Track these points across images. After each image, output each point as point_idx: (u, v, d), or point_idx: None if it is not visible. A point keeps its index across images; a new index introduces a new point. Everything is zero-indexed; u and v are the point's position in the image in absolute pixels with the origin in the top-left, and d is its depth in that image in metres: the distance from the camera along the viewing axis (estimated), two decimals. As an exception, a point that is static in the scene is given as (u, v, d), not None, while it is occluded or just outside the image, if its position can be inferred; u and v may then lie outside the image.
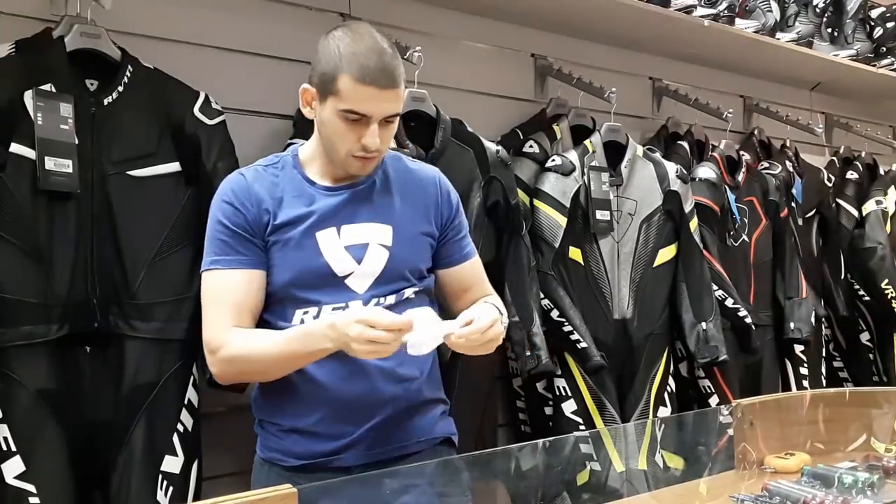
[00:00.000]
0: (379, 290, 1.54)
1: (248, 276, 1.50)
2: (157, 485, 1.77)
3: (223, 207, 1.52)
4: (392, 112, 1.50)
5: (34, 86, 1.68)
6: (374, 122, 1.48)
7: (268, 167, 1.58)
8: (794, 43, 3.26)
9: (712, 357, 2.58)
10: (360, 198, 1.57)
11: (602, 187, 2.49)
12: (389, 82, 1.47)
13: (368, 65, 1.45)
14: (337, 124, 1.49)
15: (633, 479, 1.67)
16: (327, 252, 1.52)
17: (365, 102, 1.46)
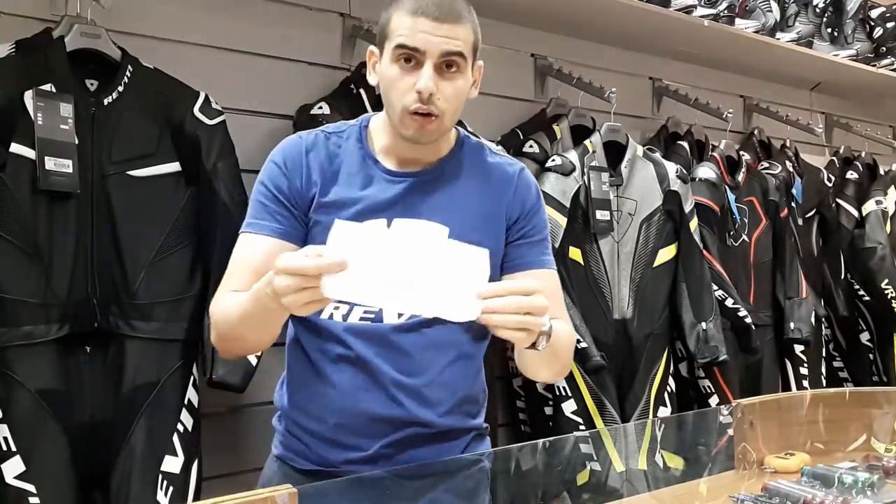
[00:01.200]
0: None
1: (275, 245, 1.34)
2: (157, 485, 1.76)
3: (270, 168, 1.39)
4: (451, 49, 1.31)
5: (34, 86, 1.68)
6: (429, 62, 1.31)
7: (331, 135, 1.42)
8: (794, 43, 3.26)
9: (712, 357, 2.58)
10: (422, 188, 1.39)
11: (602, 187, 2.49)
12: (446, 14, 1.31)
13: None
14: (391, 71, 1.33)
15: (633, 479, 1.67)
16: None
17: (416, 33, 1.30)
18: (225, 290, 1.36)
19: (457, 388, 1.44)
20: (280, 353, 1.76)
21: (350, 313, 1.37)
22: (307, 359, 1.42)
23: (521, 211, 1.44)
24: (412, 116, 1.33)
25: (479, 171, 1.45)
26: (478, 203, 1.42)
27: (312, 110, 2.14)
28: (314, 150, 1.39)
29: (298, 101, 2.19)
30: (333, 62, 2.34)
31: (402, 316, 1.36)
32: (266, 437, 2.19)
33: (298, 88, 2.23)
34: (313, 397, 1.42)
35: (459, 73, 1.35)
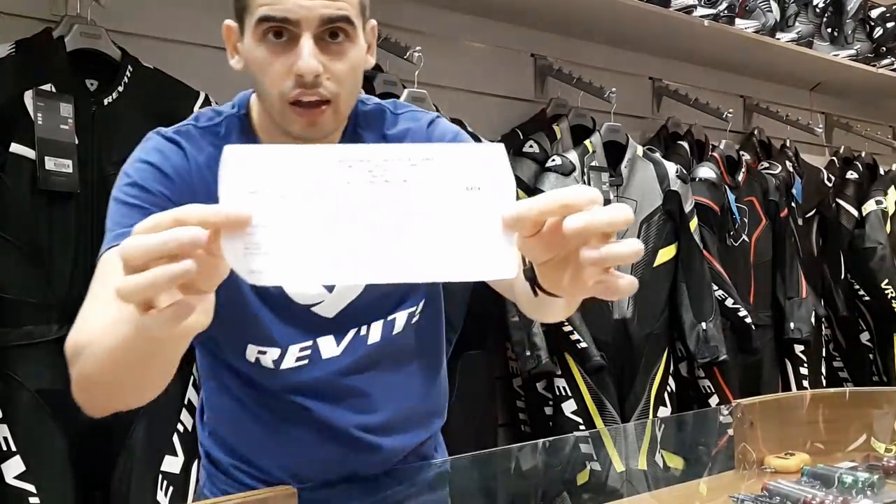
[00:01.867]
0: (354, 315, 1.11)
1: None
2: (157, 485, 1.76)
3: (140, 169, 1.07)
4: (332, 13, 0.99)
5: (34, 86, 1.68)
6: (306, 34, 0.99)
7: (206, 130, 1.11)
8: (794, 43, 3.26)
9: (712, 357, 2.58)
10: None
11: (602, 187, 2.49)
12: None
13: None
14: (258, 53, 1.02)
15: (633, 479, 1.67)
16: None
17: (281, 2, 0.99)
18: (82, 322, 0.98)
19: (427, 404, 1.26)
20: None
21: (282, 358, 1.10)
22: (240, 406, 1.17)
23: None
24: (294, 108, 1.02)
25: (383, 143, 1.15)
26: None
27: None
28: (194, 151, 1.09)
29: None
30: (333, 62, 2.34)
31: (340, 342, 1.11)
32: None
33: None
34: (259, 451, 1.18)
35: (349, 41, 1.02)
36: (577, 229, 0.67)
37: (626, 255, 0.70)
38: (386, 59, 2.30)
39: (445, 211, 0.65)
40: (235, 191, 0.65)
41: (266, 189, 0.65)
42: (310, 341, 1.11)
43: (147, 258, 0.62)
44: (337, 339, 1.12)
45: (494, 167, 0.66)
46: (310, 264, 0.65)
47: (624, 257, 0.70)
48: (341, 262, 0.65)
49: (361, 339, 1.13)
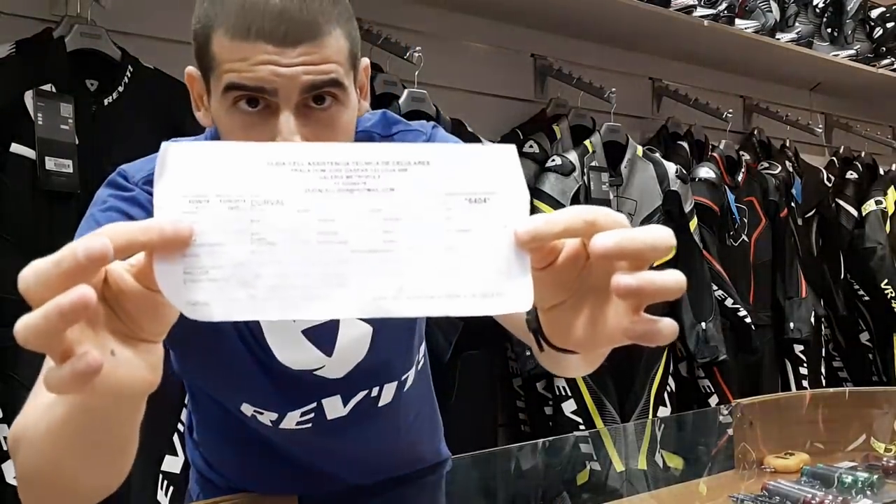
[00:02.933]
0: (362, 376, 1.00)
1: None
2: (157, 485, 1.76)
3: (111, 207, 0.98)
4: (316, 80, 0.82)
5: (34, 86, 1.67)
6: (285, 109, 0.82)
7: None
8: (793, 43, 3.26)
9: (712, 357, 2.58)
10: None
11: (602, 187, 2.49)
12: (296, 29, 0.80)
13: (256, 4, 0.81)
14: (229, 122, 0.87)
15: (633, 479, 1.67)
16: (275, 343, 0.94)
17: (256, 68, 0.82)
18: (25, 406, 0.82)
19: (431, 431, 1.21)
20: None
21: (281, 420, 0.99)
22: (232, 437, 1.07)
23: None
24: None
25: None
26: None
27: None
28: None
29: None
30: (333, 62, 2.34)
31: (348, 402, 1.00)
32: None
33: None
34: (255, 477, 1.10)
35: (338, 104, 0.85)
36: (609, 249, 0.53)
37: (670, 287, 0.57)
38: (386, 59, 2.30)
39: (443, 227, 0.52)
40: (174, 199, 0.51)
41: (214, 197, 0.51)
42: (313, 403, 0.98)
43: (41, 287, 0.50)
44: (344, 400, 0.99)
45: (505, 173, 0.53)
46: (269, 294, 0.51)
47: (667, 290, 0.57)
48: (309, 291, 0.51)
49: (372, 401, 1.01)
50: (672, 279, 0.56)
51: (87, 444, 0.65)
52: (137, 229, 0.49)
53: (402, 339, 1.01)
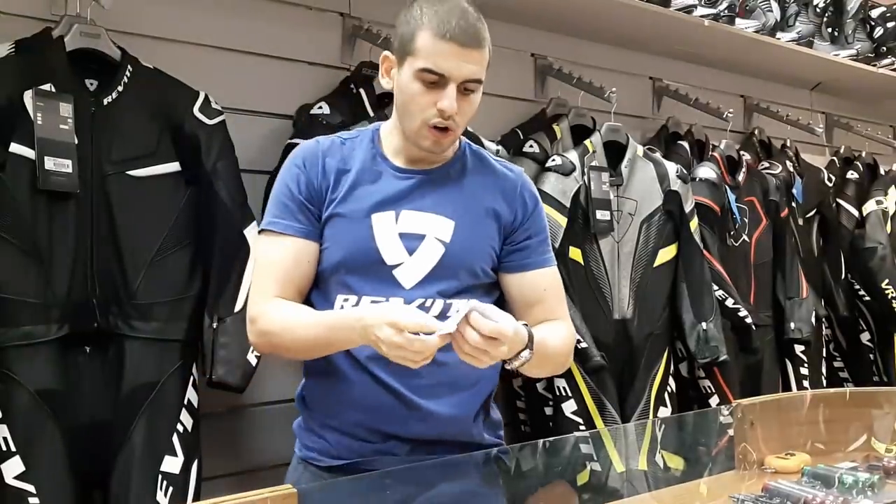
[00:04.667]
0: (427, 288, 1.43)
1: (299, 245, 1.44)
2: (156, 485, 1.76)
3: (291, 170, 1.47)
4: (473, 75, 1.41)
5: (34, 86, 1.68)
6: (453, 84, 1.39)
7: (346, 140, 1.51)
8: (794, 43, 3.26)
9: (712, 357, 2.58)
10: (429, 185, 1.47)
11: (602, 187, 2.49)
12: (471, 41, 1.40)
13: (450, 21, 1.38)
14: (413, 87, 1.40)
15: (633, 480, 1.67)
16: (380, 237, 1.43)
17: (444, 59, 1.38)
18: (264, 294, 1.43)
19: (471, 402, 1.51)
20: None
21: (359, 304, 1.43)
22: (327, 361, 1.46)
23: (523, 215, 1.52)
24: (431, 130, 1.42)
25: (483, 174, 1.53)
26: (482, 200, 1.50)
27: (312, 110, 2.14)
28: (331, 152, 1.48)
29: (298, 101, 2.19)
30: (333, 62, 2.34)
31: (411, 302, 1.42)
32: (266, 436, 2.19)
33: (298, 88, 2.23)
34: (334, 395, 1.47)
35: (477, 90, 1.44)
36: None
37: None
38: (386, 59, 2.30)
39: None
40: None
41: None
42: (384, 298, 1.42)
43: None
44: (406, 302, 1.41)
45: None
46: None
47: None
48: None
49: (425, 309, 1.39)
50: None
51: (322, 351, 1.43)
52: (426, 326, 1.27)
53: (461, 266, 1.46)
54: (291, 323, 1.41)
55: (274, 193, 1.48)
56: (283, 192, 1.46)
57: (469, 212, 1.48)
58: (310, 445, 1.50)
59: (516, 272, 1.51)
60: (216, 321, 1.84)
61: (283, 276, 1.43)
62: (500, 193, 1.52)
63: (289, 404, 2.16)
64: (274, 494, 0.98)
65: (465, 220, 1.46)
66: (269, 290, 1.42)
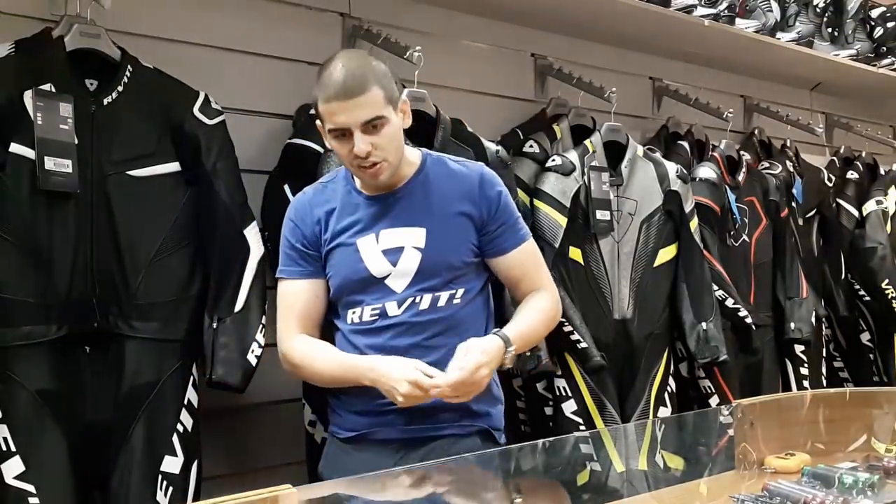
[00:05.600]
0: (414, 288, 1.68)
1: (308, 285, 1.72)
2: (156, 485, 1.76)
3: (287, 224, 1.74)
4: (365, 118, 1.59)
5: (34, 85, 1.68)
6: (356, 131, 1.59)
7: (327, 184, 1.77)
8: (794, 43, 3.26)
9: (712, 357, 2.58)
10: (398, 203, 1.70)
11: (602, 187, 2.49)
12: (351, 92, 1.58)
13: (330, 83, 1.59)
14: (333, 143, 1.64)
15: (633, 480, 1.67)
16: (366, 257, 1.68)
17: (336, 116, 1.59)
18: (289, 332, 1.72)
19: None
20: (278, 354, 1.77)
21: (363, 312, 1.71)
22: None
23: (489, 209, 1.73)
24: (361, 170, 1.65)
25: (445, 181, 1.74)
26: (449, 206, 1.71)
27: (312, 110, 2.14)
28: (316, 198, 1.75)
29: (298, 101, 2.19)
30: (333, 62, 2.34)
31: (404, 302, 1.69)
32: (266, 436, 2.19)
33: (298, 88, 2.23)
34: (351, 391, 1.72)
35: (384, 124, 1.62)
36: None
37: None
38: (386, 60, 2.29)
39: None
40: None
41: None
42: (380, 303, 1.69)
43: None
44: (399, 303, 1.68)
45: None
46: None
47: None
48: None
49: (415, 305, 1.68)
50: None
51: (340, 384, 1.71)
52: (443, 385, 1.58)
53: (440, 266, 1.69)
54: (311, 360, 1.71)
55: (280, 246, 1.76)
56: (285, 244, 1.74)
57: (438, 216, 1.70)
58: (331, 420, 1.80)
59: (499, 256, 1.76)
60: (216, 321, 1.84)
61: (301, 313, 1.72)
62: (465, 196, 1.72)
63: (289, 404, 2.17)
64: (274, 494, 0.98)
65: (435, 225, 1.69)
66: (292, 328, 1.71)
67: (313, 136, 2.07)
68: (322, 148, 2.04)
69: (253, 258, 1.89)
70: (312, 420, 2.07)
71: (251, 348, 1.85)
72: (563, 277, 2.42)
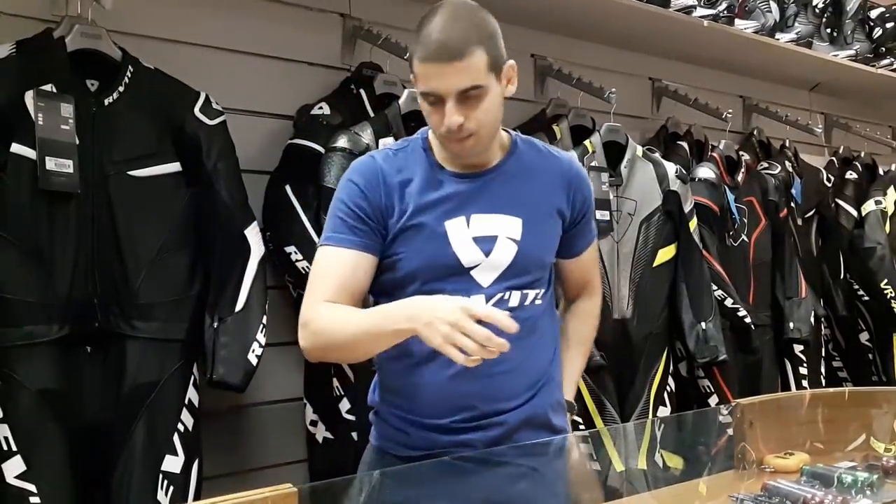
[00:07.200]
0: (503, 284, 1.50)
1: (356, 257, 1.47)
2: (157, 484, 1.77)
3: (348, 186, 1.50)
4: (463, 85, 1.40)
5: (35, 86, 1.68)
6: (450, 100, 1.41)
7: (398, 151, 1.54)
8: (793, 43, 3.26)
9: (712, 357, 2.58)
10: (491, 186, 1.52)
11: (602, 187, 2.49)
12: (451, 55, 1.39)
13: (429, 41, 1.40)
14: (424, 107, 1.47)
15: (632, 479, 1.67)
16: (456, 242, 1.48)
17: (431, 80, 1.42)
18: (317, 300, 1.45)
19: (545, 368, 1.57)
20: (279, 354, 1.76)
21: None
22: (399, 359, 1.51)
23: (581, 202, 1.61)
24: (451, 142, 1.46)
25: (536, 162, 1.58)
26: (544, 195, 1.56)
27: (313, 110, 2.14)
28: (387, 166, 1.51)
29: (298, 101, 2.20)
30: (333, 62, 2.35)
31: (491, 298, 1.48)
32: (266, 436, 2.19)
33: (298, 88, 2.24)
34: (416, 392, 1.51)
35: (482, 95, 1.43)
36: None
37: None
38: (386, 60, 2.30)
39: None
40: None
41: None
42: (466, 295, 1.45)
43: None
44: (487, 298, 1.48)
45: None
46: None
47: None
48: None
49: (504, 303, 1.49)
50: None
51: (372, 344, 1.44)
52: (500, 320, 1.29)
53: (532, 262, 1.53)
54: (342, 317, 1.43)
55: (331, 211, 1.52)
56: (339, 208, 1.50)
57: (534, 207, 1.53)
58: (387, 436, 1.56)
59: (572, 258, 1.65)
60: (217, 321, 1.84)
61: (337, 284, 1.46)
62: (560, 189, 1.57)
63: (289, 404, 2.17)
64: (274, 494, 0.98)
65: (531, 217, 1.52)
66: (321, 296, 1.45)
67: (314, 136, 2.08)
68: (322, 148, 2.04)
69: (254, 258, 1.90)
70: (313, 420, 2.07)
71: (252, 348, 1.85)
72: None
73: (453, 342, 1.25)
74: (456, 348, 1.25)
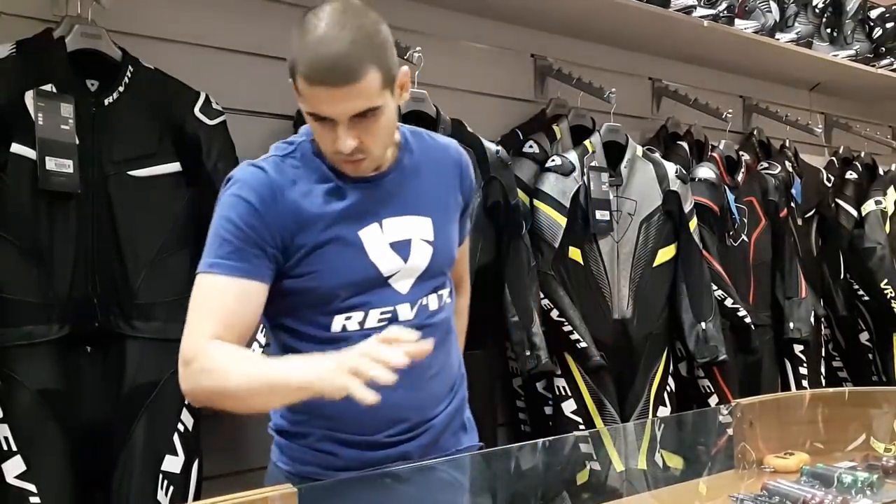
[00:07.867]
0: (420, 289, 1.41)
1: (246, 287, 1.29)
2: (157, 484, 1.77)
3: (237, 204, 1.31)
4: (357, 110, 1.27)
5: (35, 86, 1.68)
6: (342, 124, 1.28)
7: (286, 157, 1.37)
8: (793, 43, 3.26)
9: (712, 357, 2.58)
10: (394, 187, 1.40)
11: (602, 187, 2.50)
12: (341, 77, 1.24)
13: (315, 57, 1.25)
14: (312, 125, 1.33)
15: (632, 479, 1.67)
16: (372, 251, 1.36)
17: (320, 105, 1.28)
18: (204, 335, 1.26)
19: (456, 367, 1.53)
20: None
21: (366, 318, 1.37)
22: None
23: (468, 188, 1.54)
24: (343, 162, 1.34)
25: (431, 158, 1.48)
26: (443, 189, 1.48)
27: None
28: (280, 177, 1.34)
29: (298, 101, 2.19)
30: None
31: (414, 305, 1.40)
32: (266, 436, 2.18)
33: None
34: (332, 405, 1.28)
35: (376, 114, 1.30)
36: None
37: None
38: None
39: None
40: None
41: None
42: (391, 307, 1.38)
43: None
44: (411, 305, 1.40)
45: None
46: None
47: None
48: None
49: (424, 308, 1.42)
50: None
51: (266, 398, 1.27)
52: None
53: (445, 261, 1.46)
54: (236, 363, 1.24)
55: (214, 230, 1.32)
56: (225, 228, 1.30)
57: (438, 203, 1.45)
58: (307, 460, 1.42)
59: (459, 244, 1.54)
60: (217, 321, 1.84)
61: (226, 319, 1.27)
62: (454, 178, 1.50)
63: (289, 404, 2.17)
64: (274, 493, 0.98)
65: (438, 214, 1.44)
66: (208, 332, 1.26)
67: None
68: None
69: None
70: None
71: (252, 348, 1.85)
72: (562, 277, 2.42)
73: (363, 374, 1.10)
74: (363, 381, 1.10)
